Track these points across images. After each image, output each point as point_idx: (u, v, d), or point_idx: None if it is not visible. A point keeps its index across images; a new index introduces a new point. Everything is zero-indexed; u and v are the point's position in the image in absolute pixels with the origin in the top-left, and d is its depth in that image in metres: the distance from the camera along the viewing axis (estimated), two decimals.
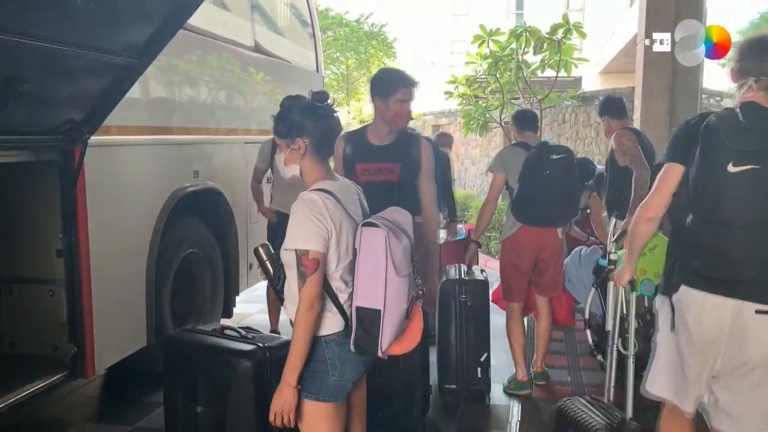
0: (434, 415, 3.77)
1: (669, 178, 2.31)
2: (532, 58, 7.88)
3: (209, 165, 4.63)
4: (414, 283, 2.26)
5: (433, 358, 3.83)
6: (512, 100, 8.36)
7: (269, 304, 5.06)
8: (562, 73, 7.79)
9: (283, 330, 4.31)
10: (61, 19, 2.56)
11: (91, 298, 3.40)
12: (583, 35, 7.73)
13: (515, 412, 3.86)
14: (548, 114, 10.34)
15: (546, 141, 4.41)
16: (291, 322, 2.15)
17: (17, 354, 3.53)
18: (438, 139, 6.61)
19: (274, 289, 2.34)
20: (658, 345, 2.42)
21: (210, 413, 2.61)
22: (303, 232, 2.08)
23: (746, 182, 2.12)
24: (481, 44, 7.86)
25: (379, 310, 2.07)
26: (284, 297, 2.26)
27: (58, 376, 3.32)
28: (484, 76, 8.40)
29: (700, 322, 2.23)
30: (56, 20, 2.54)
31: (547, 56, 7.67)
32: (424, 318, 2.35)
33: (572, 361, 4.67)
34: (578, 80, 13.12)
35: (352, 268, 2.15)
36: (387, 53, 25.41)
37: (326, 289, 2.14)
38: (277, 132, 2.24)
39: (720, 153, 2.14)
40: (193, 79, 4.53)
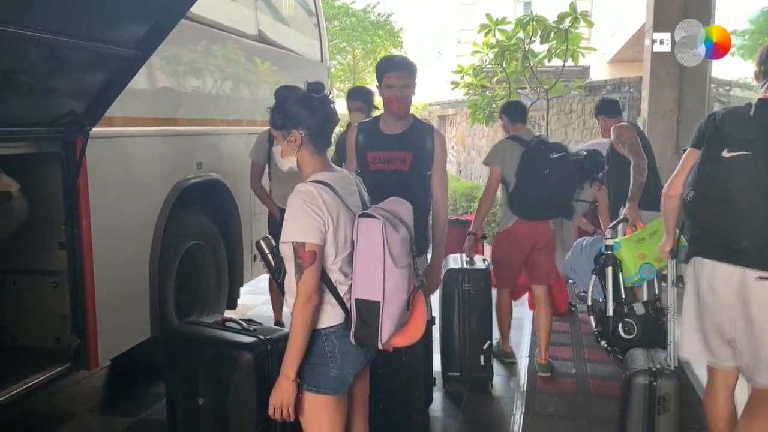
0: (438, 407, 3.77)
1: (688, 161, 2.67)
2: (539, 48, 7.80)
3: (212, 156, 4.61)
4: (414, 273, 2.25)
5: (436, 346, 3.83)
6: (519, 90, 8.29)
7: (272, 296, 5.06)
8: (570, 63, 7.71)
9: (287, 322, 4.28)
10: (62, 10, 2.54)
11: (94, 290, 3.40)
12: (591, 24, 7.64)
13: (519, 404, 3.84)
14: (555, 104, 10.26)
15: (541, 136, 4.56)
16: (292, 314, 2.14)
17: (20, 346, 3.53)
18: None
19: (276, 281, 2.33)
20: (684, 314, 2.71)
21: (211, 405, 2.59)
22: (299, 224, 2.07)
23: (736, 166, 2.47)
24: (487, 33, 7.79)
25: (378, 302, 2.05)
26: (285, 290, 2.25)
27: (61, 368, 3.33)
28: (490, 66, 8.33)
29: (712, 287, 2.56)
30: (57, 11, 2.52)
31: (554, 45, 7.59)
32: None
33: (578, 353, 4.65)
34: (586, 70, 13.01)
35: (351, 260, 2.13)
36: (393, 43, 25.30)
37: (325, 281, 2.12)
38: (273, 123, 2.22)
39: (720, 140, 2.51)
40: (196, 70, 4.50)
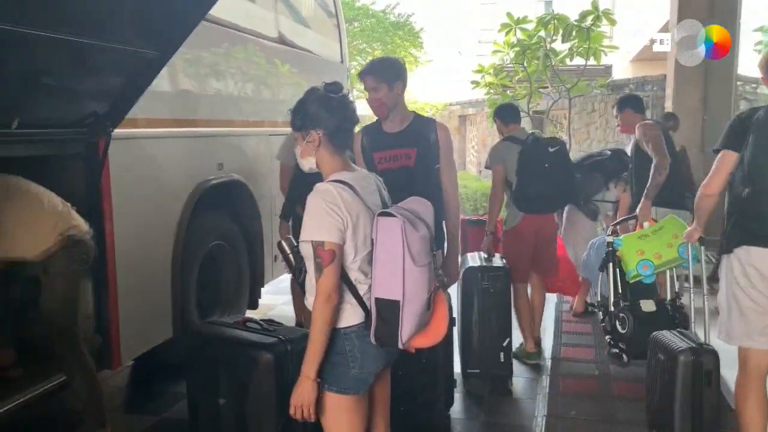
0: (459, 409, 3.74)
1: (726, 162, 2.83)
2: (561, 47, 7.74)
3: (234, 157, 4.63)
4: (435, 273, 2.23)
5: (456, 347, 3.81)
6: (540, 89, 8.23)
7: (294, 295, 5.06)
8: (591, 62, 7.64)
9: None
10: (84, 13, 2.56)
11: (117, 291, 3.43)
12: (613, 22, 7.58)
13: (541, 406, 3.80)
14: (577, 103, 10.17)
15: (536, 134, 4.68)
16: (311, 313, 2.13)
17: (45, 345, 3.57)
18: None
19: (297, 281, 2.34)
20: (726, 301, 2.88)
21: (232, 405, 2.61)
22: (318, 223, 2.07)
23: None
24: (508, 33, 7.75)
25: (398, 301, 2.04)
26: (306, 289, 2.25)
27: None
28: (511, 65, 8.28)
29: (760, 272, 2.74)
30: (79, 14, 2.55)
31: (575, 44, 7.52)
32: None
33: (600, 355, 4.59)
34: (608, 68, 12.87)
35: (371, 259, 2.12)
36: (413, 43, 25.27)
37: (345, 280, 2.12)
38: (292, 125, 2.24)
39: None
40: (217, 72, 4.52)
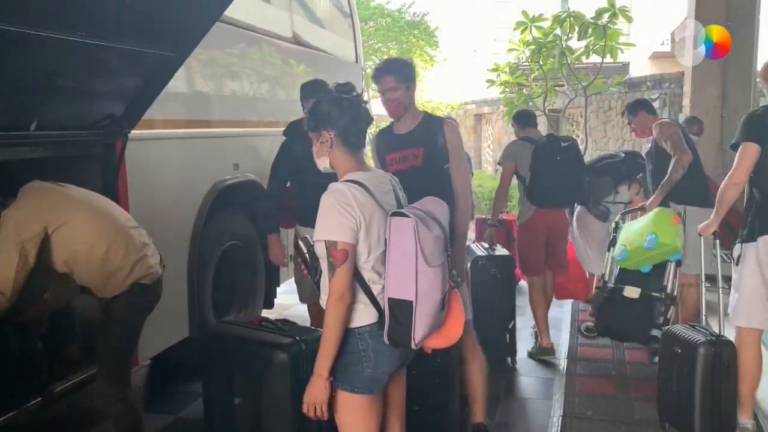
0: None
1: (749, 153, 3.03)
2: (577, 44, 7.68)
3: (249, 157, 4.65)
4: (449, 273, 2.23)
5: None
6: (556, 87, 8.18)
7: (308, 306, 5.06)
8: (608, 59, 7.58)
9: None
10: (100, 15, 2.59)
11: None
12: (630, 19, 7.50)
13: (557, 406, 3.78)
14: (593, 101, 10.09)
15: (552, 133, 5.03)
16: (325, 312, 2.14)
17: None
18: None
19: (313, 280, 2.34)
20: (741, 286, 3.15)
21: (247, 405, 2.61)
22: (331, 223, 2.08)
23: None
24: (523, 31, 7.70)
25: (411, 302, 2.04)
26: (320, 289, 2.25)
27: (95, 370, 3.37)
28: (527, 63, 8.23)
29: None
30: (95, 16, 2.57)
31: (592, 42, 7.46)
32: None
33: (617, 355, 4.56)
34: (625, 66, 12.78)
35: (384, 259, 2.12)
36: (429, 42, 25.22)
37: (358, 280, 2.12)
38: (307, 126, 2.27)
39: None
40: (232, 72, 4.55)
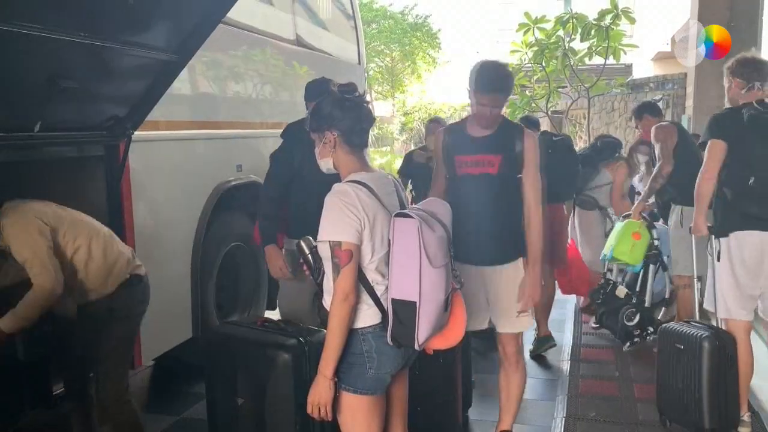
0: (477, 410, 3.72)
1: (719, 149, 3.22)
2: (579, 46, 7.70)
3: (252, 159, 4.65)
4: (452, 275, 2.23)
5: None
6: (559, 89, 8.19)
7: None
8: (611, 61, 7.58)
9: None
10: (103, 16, 2.60)
11: None
12: (633, 21, 7.52)
13: (561, 407, 3.78)
14: (596, 102, 10.10)
15: (546, 130, 5.28)
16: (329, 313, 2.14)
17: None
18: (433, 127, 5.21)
19: (315, 281, 2.34)
20: (717, 280, 3.31)
21: (250, 405, 2.62)
22: (335, 223, 2.08)
23: None
24: (526, 32, 7.72)
25: (414, 302, 2.04)
26: (324, 289, 2.25)
27: None
28: (529, 65, 8.24)
29: (751, 253, 3.19)
30: (98, 17, 2.58)
31: (594, 43, 7.47)
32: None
33: (621, 356, 4.55)
34: (628, 67, 12.77)
35: (388, 259, 2.12)
36: (431, 44, 25.26)
37: (362, 281, 2.12)
38: (310, 127, 2.26)
39: None
40: (235, 74, 4.56)
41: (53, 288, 2.50)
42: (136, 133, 3.28)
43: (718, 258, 3.30)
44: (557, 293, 5.12)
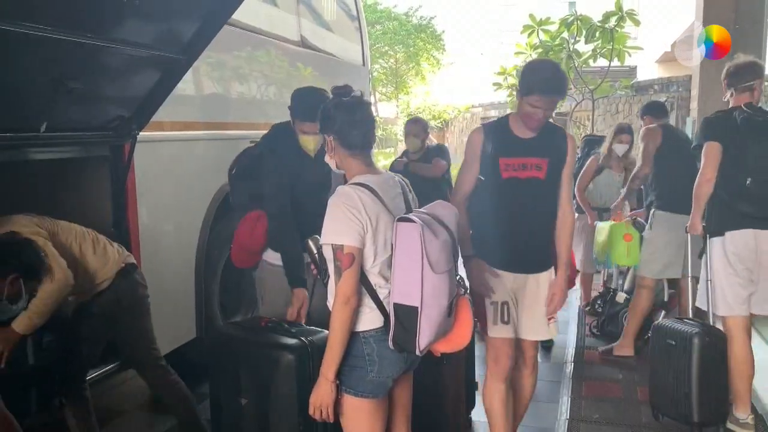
0: (480, 411, 3.71)
1: (715, 151, 3.30)
2: (584, 48, 7.70)
3: None
4: (457, 279, 2.23)
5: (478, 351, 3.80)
6: None
7: None
8: (615, 62, 7.58)
9: None
10: (110, 17, 2.61)
11: None
12: (637, 23, 7.50)
13: (564, 409, 3.77)
14: (601, 104, 10.10)
15: None
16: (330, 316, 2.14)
17: None
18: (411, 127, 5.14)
19: (322, 281, 2.33)
20: (715, 280, 3.36)
21: (253, 406, 2.62)
22: (337, 226, 2.08)
23: None
24: (530, 34, 7.73)
25: (416, 307, 2.03)
26: (328, 291, 2.24)
27: (110, 366, 3.41)
28: None
29: (747, 250, 3.28)
30: (104, 18, 2.59)
31: (599, 45, 7.47)
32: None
33: (623, 358, 4.54)
34: (633, 69, 12.74)
35: (391, 263, 2.11)
36: (436, 46, 25.27)
37: (364, 284, 2.12)
38: (321, 130, 2.28)
39: (764, 136, 3.22)
40: (240, 75, 4.57)
41: (66, 278, 2.62)
42: (141, 133, 3.29)
43: (699, 255, 3.38)
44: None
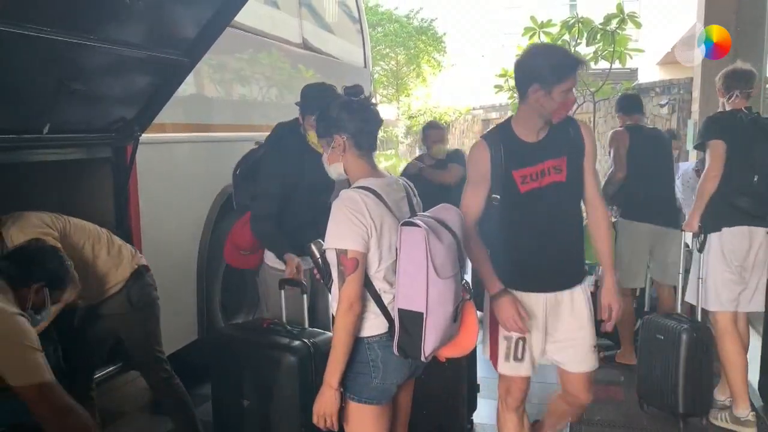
0: (482, 414, 3.72)
1: (721, 148, 3.35)
2: (585, 50, 7.68)
3: None
4: (462, 284, 2.21)
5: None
6: None
7: None
8: (617, 65, 7.57)
9: None
10: (112, 18, 2.61)
11: None
12: (639, 25, 7.48)
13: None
14: (602, 107, 10.08)
15: None
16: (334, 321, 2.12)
17: None
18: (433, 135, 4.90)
19: (326, 285, 2.29)
20: (709, 275, 3.44)
21: (255, 407, 2.62)
22: (341, 231, 2.04)
23: None
24: (532, 36, 7.71)
25: (421, 313, 2.00)
26: (332, 295, 2.21)
27: (112, 368, 3.41)
28: None
29: (741, 247, 3.38)
30: (107, 19, 2.59)
31: (600, 47, 7.46)
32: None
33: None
34: (634, 72, 12.74)
35: (396, 268, 2.08)
36: (437, 48, 25.28)
37: (369, 289, 2.09)
38: (318, 132, 2.23)
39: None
40: (242, 76, 4.57)
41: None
42: (143, 135, 3.29)
43: (700, 250, 3.48)
44: None
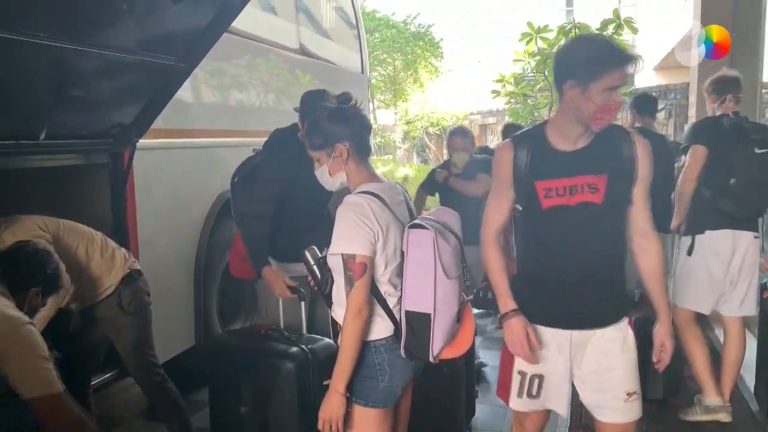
0: (480, 419, 3.71)
1: (701, 153, 3.48)
2: None
3: None
4: (464, 285, 2.22)
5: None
6: None
7: None
8: None
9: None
10: (109, 24, 2.61)
11: None
12: (635, 30, 7.54)
13: (565, 417, 3.75)
14: None
15: None
16: (339, 326, 2.12)
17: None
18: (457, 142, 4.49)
19: (321, 292, 2.27)
20: (688, 274, 3.57)
21: (253, 414, 2.61)
22: (349, 236, 2.04)
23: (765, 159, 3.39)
24: (529, 41, 7.75)
25: (429, 314, 2.01)
26: (332, 301, 2.22)
27: (109, 374, 3.40)
28: (532, 74, 8.27)
29: (724, 250, 3.47)
30: (104, 25, 2.60)
31: None
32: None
33: None
34: (630, 77, 12.79)
35: (400, 271, 2.09)
36: (434, 53, 25.35)
37: (374, 293, 2.09)
38: (313, 146, 2.20)
39: (749, 142, 3.41)
40: (239, 82, 4.57)
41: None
42: (140, 141, 3.29)
43: (689, 252, 3.57)
44: None
